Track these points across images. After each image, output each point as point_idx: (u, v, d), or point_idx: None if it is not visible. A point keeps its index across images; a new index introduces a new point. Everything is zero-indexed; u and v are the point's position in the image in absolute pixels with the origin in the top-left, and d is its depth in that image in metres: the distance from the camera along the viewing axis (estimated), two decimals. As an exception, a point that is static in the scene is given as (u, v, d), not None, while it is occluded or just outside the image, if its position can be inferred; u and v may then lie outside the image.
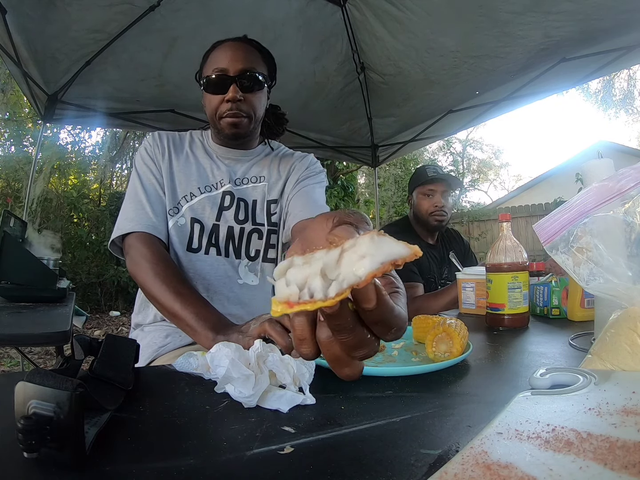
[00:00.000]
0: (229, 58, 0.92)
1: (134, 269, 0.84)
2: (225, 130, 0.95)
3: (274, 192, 1.02)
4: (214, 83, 0.92)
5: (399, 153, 3.73)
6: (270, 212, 1.01)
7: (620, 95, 13.35)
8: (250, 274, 0.99)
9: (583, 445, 0.29)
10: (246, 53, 0.94)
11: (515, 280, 0.89)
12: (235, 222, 0.97)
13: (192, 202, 0.96)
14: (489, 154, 17.91)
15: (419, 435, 0.38)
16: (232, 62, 0.91)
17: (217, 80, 0.91)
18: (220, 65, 0.91)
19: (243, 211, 0.99)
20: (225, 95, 0.91)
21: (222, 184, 0.99)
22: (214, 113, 0.94)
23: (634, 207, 0.50)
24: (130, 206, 0.91)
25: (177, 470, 0.32)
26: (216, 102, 0.93)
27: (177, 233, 0.94)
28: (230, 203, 0.98)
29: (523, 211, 8.11)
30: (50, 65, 2.30)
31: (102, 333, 4.34)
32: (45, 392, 0.31)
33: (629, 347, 0.47)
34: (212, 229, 0.96)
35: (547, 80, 2.46)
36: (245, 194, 1.00)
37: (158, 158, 0.97)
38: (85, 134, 7.60)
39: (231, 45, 0.94)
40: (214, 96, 0.93)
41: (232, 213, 0.98)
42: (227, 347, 0.49)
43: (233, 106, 0.92)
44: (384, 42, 2.41)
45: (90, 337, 0.51)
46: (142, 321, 0.97)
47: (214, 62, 0.93)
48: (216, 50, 0.95)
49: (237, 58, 0.92)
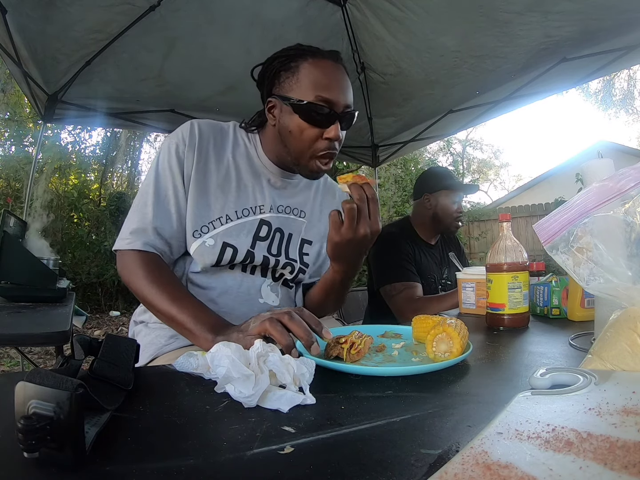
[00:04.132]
0: (337, 89, 0.82)
1: (129, 277, 0.81)
2: (314, 169, 0.86)
3: (311, 233, 0.98)
4: (317, 114, 0.81)
5: (399, 153, 3.73)
6: (302, 252, 0.97)
7: (620, 95, 13.36)
8: (272, 294, 0.95)
9: (583, 445, 0.29)
10: (348, 83, 0.85)
11: (515, 280, 0.89)
12: (269, 254, 0.92)
13: (226, 225, 0.87)
14: (489, 154, 17.95)
15: (419, 435, 0.38)
16: (340, 95, 0.82)
17: (322, 113, 0.81)
18: (327, 96, 0.81)
19: (276, 245, 0.93)
20: (326, 132, 0.82)
21: (261, 210, 0.91)
22: (306, 147, 0.84)
23: (634, 207, 0.50)
24: (136, 217, 0.84)
25: (177, 470, 0.32)
26: (313, 136, 0.83)
27: (204, 253, 0.85)
28: (266, 234, 0.91)
29: (523, 211, 8.12)
30: (50, 65, 2.30)
31: (102, 333, 4.35)
32: (45, 392, 0.31)
33: (629, 347, 0.47)
34: (247, 254, 0.88)
35: (547, 80, 2.47)
36: (284, 224, 0.94)
37: (189, 165, 0.85)
38: (86, 134, 7.61)
39: (335, 71, 0.84)
40: (310, 128, 0.82)
41: (266, 245, 0.91)
42: (227, 347, 0.49)
43: (332, 145, 0.84)
44: (384, 42, 2.41)
45: (90, 337, 0.51)
46: (149, 319, 0.94)
47: (316, 86, 0.81)
48: (313, 68, 0.83)
49: (343, 91, 0.83)
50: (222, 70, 2.54)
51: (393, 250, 1.66)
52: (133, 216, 0.84)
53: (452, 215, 1.72)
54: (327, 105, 0.81)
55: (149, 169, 0.88)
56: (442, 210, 1.73)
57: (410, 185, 8.16)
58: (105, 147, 8.12)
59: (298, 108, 0.82)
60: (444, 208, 1.72)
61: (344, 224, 0.73)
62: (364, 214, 0.73)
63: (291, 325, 0.60)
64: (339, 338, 0.62)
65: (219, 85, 2.67)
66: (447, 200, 1.72)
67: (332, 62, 0.85)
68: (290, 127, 0.84)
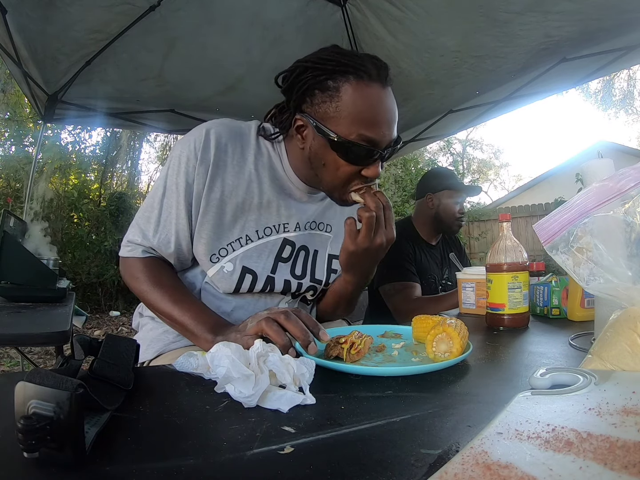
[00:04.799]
0: (384, 125, 0.72)
1: (130, 280, 0.81)
2: (349, 201, 0.78)
3: (338, 247, 0.84)
4: (357, 153, 0.72)
5: (399, 153, 3.74)
6: (330, 268, 0.91)
7: (620, 95, 13.37)
8: None
9: (583, 445, 0.29)
10: (396, 113, 0.75)
11: (515, 280, 0.89)
12: (292, 277, 0.86)
13: (246, 247, 0.80)
14: (489, 154, 17.94)
15: (419, 435, 0.38)
16: (386, 133, 0.72)
17: (364, 152, 0.72)
18: (372, 136, 0.71)
19: (301, 265, 0.87)
20: (364, 170, 0.74)
21: (285, 228, 0.84)
22: (341, 183, 0.76)
23: (634, 207, 0.50)
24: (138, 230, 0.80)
25: (177, 470, 0.32)
26: (351, 173, 0.74)
27: (222, 279, 0.80)
28: (289, 255, 0.85)
29: (523, 211, 8.12)
30: (50, 65, 2.30)
31: (102, 333, 4.34)
32: (45, 392, 0.31)
33: (629, 347, 0.47)
34: (267, 281, 0.83)
35: (547, 80, 2.47)
36: (309, 240, 0.88)
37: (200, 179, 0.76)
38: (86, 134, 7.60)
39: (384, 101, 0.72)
40: (347, 165, 0.73)
41: (288, 267, 0.86)
42: (227, 347, 0.49)
43: (370, 181, 0.76)
44: (384, 42, 2.41)
45: (90, 337, 0.51)
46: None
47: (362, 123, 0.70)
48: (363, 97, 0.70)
49: (390, 126, 0.73)
50: (222, 70, 2.54)
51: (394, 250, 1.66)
52: (136, 227, 0.81)
53: (454, 215, 1.73)
54: (371, 144, 0.72)
55: (159, 176, 0.83)
56: (444, 210, 1.73)
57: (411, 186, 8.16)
58: (105, 147, 8.11)
59: (335, 145, 0.72)
60: (446, 208, 1.72)
61: (360, 233, 0.72)
62: (380, 223, 0.73)
63: (287, 325, 0.60)
64: (339, 338, 0.62)
65: (219, 85, 2.68)
66: (449, 201, 1.73)
67: (380, 87, 0.72)
68: (325, 161, 0.75)
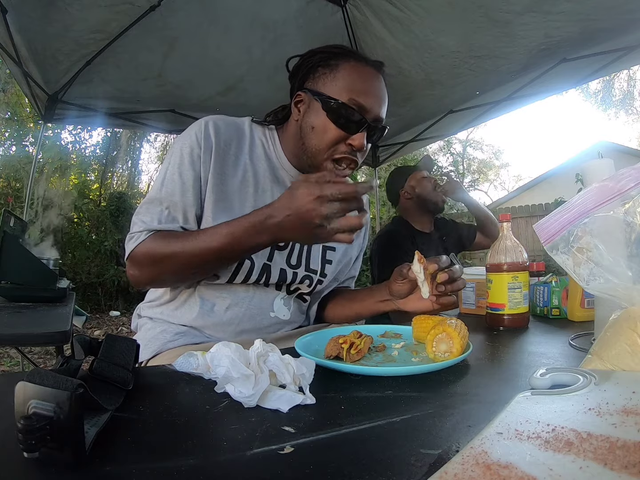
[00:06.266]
0: (373, 97, 0.78)
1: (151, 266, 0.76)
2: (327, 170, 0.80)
3: None
4: (346, 117, 0.77)
5: (399, 153, 3.74)
6: (325, 259, 0.92)
7: (620, 95, 13.38)
8: (284, 308, 0.91)
9: (583, 445, 0.29)
10: (385, 96, 0.81)
11: (515, 280, 0.89)
12: (287, 266, 0.87)
13: None
14: (489, 154, 17.94)
15: (419, 435, 0.38)
16: (375, 104, 0.78)
17: (353, 115, 0.77)
18: (362, 102, 0.77)
19: (297, 254, 0.89)
20: (351, 138, 0.78)
21: None
22: (326, 147, 0.79)
23: (634, 207, 0.50)
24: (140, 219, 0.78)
25: (177, 470, 0.32)
26: (337, 137, 0.78)
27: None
28: (285, 243, 0.86)
29: (523, 211, 8.11)
30: (50, 65, 2.30)
31: (102, 333, 4.35)
32: (45, 392, 0.31)
33: (629, 347, 0.47)
34: (263, 268, 0.84)
35: (547, 81, 2.47)
36: None
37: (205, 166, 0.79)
38: (86, 134, 7.61)
39: (376, 80, 0.80)
40: (335, 129, 0.77)
41: (285, 255, 0.87)
42: (227, 347, 0.49)
43: (353, 153, 0.80)
44: (384, 42, 2.42)
45: (90, 337, 0.51)
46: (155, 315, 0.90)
47: (353, 89, 0.77)
48: (354, 70, 0.79)
49: (379, 101, 0.79)
50: (222, 70, 2.54)
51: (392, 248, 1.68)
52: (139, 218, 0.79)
53: (430, 188, 1.82)
54: (360, 111, 0.77)
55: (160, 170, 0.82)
56: (421, 190, 1.82)
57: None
58: (106, 147, 8.12)
59: (328, 106, 0.77)
60: (421, 187, 1.82)
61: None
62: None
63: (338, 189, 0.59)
64: (339, 338, 0.62)
65: (219, 85, 2.68)
66: (417, 182, 1.83)
67: (375, 71, 0.81)
68: (315, 124, 0.79)
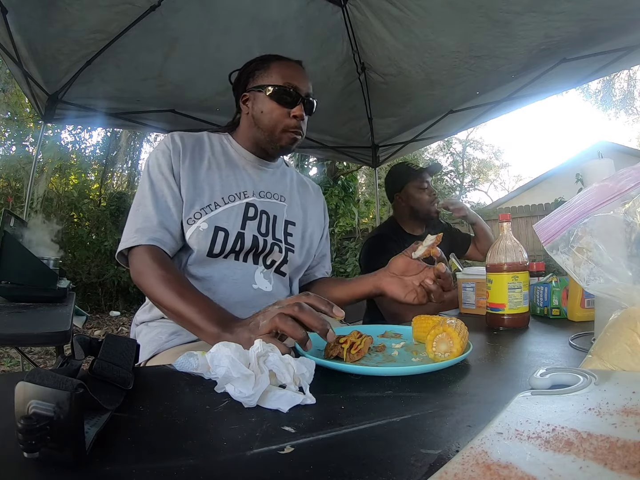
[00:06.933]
0: (300, 78, 0.98)
1: (138, 277, 0.84)
2: (283, 143, 0.98)
3: (292, 215, 1.07)
4: (285, 95, 0.96)
5: (399, 153, 3.73)
6: (287, 232, 1.04)
7: (620, 95, 13.37)
8: (265, 281, 1.00)
9: (583, 445, 0.29)
10: (309, 79, 1.01)
11: (515, 280, 0.89)
12: (258, 234, 0.98)
13: (215, 211, 0.94)
14: (489, 154, 17.94)
15: (419, 435, 0.38)
16: (302, 83, 0.98)
17: (289, 94, 0.96)
18: (293, 82, 0.96)
19: (265, 224, 1.00)
20: (292, 111, 0.96)
21: (245, 195, 0.99)
22: (275, 124, 0.97)
23: (634, 207, 0.50)
24: (138, 219, 0.89)
25: (177, 470, 0.32)
26: (281, 113, 0.96)
27: (198, 239, 0.91)
28: (254, 214, 0.99)
29: (523, 211, 8.10)
30: (50, 65, 2.30)
31: (102, 333, 4.35)
32: (45, 392, 0.31)
33: (629, 347, 0.47)
34: (237, 236, 0.94)
35: (547, 81, 2.47)
36: (268, 207, 1.02)
37: (177, 165, 0.95)
38: (86, 134, 7.61)
39: (297, 67, 1.01)
40: (279, 107, 0.96)
41: (255, 224, 0.98)
42: (227, 347, 0.49)
43: (298, 124, 0.97)
44: (384, 42, 2.41)
45: (90, 337, 0.51)
46: (150, 318, 0.96)
47: (284, 76, 0.97)
48: (282, 65, 0.99)
49: (305, 81, 0.99)
50: (222, 70, 2.51)
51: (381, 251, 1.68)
52: (135, 219, 0.89)
53: (426, 201, 1.80)
54: (294, 89, 0.96)
55: (141, 181, 0.96)
56: (415, 202, 1.82)
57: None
58: (106, 147, 8.12)
59: (270, 92, 0.96)
60: (415, 199, 1.81)
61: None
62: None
63: (303, 317, 0.58)
64: (339, 338, 0.62)
65: (219, 86, 2.67)
66: (415, 191, 1.82)
67: (297, 64, 1.02)
68: (263, 109, 0.97)
